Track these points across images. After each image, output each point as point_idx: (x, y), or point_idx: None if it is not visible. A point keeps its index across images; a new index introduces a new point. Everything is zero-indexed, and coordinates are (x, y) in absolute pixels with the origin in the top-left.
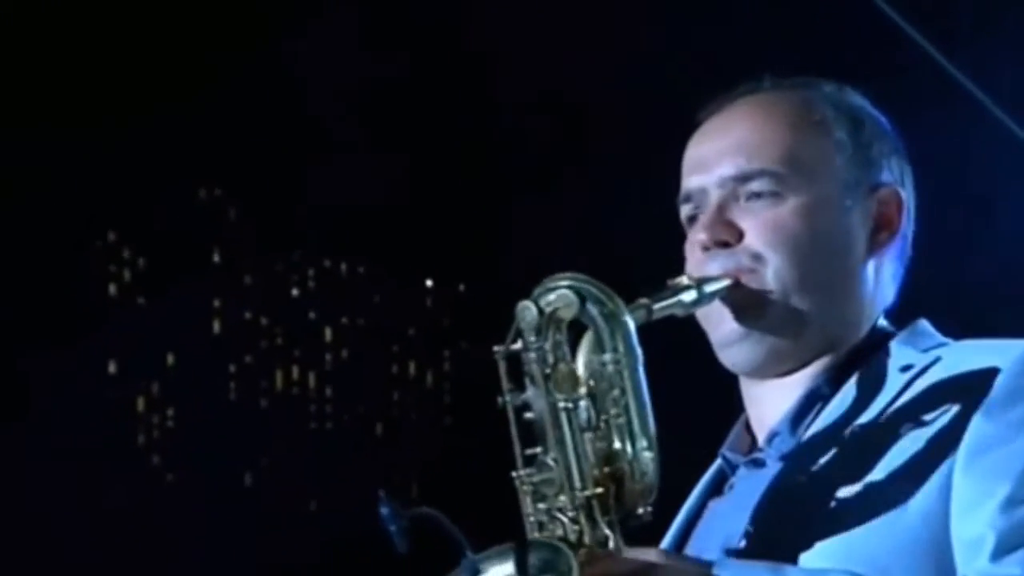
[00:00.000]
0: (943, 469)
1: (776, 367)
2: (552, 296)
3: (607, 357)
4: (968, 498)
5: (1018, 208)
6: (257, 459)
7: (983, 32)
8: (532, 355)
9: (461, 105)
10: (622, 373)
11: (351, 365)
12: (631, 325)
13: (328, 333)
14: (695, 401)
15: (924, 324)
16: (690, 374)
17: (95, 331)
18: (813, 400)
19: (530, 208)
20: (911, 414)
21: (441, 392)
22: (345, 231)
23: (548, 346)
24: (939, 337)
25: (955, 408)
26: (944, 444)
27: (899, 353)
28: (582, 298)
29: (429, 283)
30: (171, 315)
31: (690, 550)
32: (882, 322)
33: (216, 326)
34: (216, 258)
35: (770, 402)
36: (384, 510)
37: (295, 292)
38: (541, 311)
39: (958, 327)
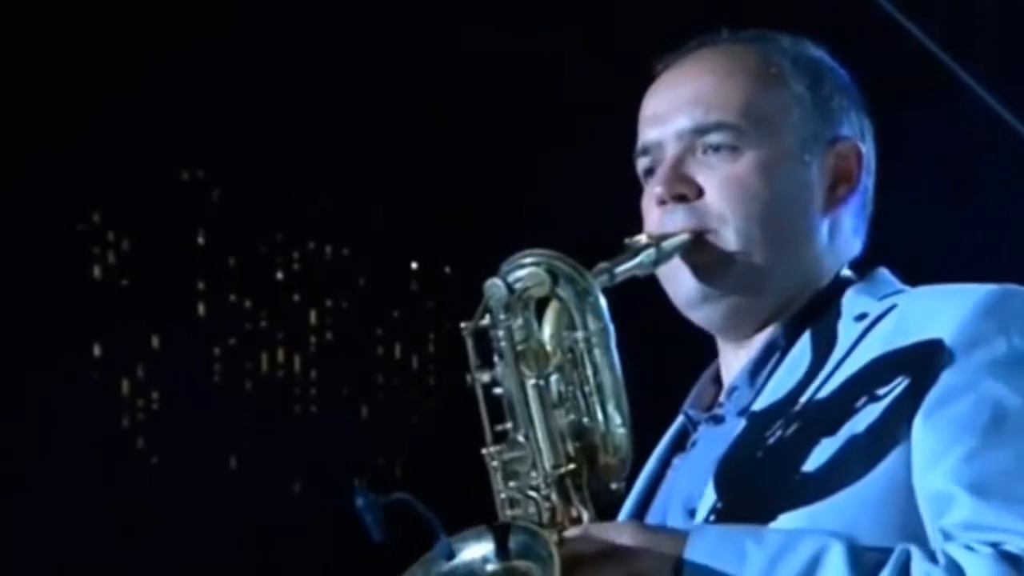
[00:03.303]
0: (903, 425)
1: (738, 328)
2: (522, 273)
3: (579, 335)
4: (930, 451)
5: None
6: (242, 442)
7: None
8: (501, 332)
9: (446, 87)
10: (594, 350)
11: (336, 348)
12: (603, 302)
13: (313, 316)
14: (670, 354)
15: (883, 272)
16: (665, 327)
17: (80, 314)
18: (770, 352)
19: (516, 190)
20: (870, 368)
21: (426, 374)
22: (330, 213)
23: (517, 324)
24: (897, 284)
25: (912, 361)
26: (904, 398)
27: (854, 301)
28: (553, 276)
29: (414, 265)
30: (155, 297)
31: (654, 510)
32: (846, 272)
33: (200, 308)
34: (200, 240)
35: (735, 359)
36: (360, 501)
37: (279, 275)
38: (511, 289)
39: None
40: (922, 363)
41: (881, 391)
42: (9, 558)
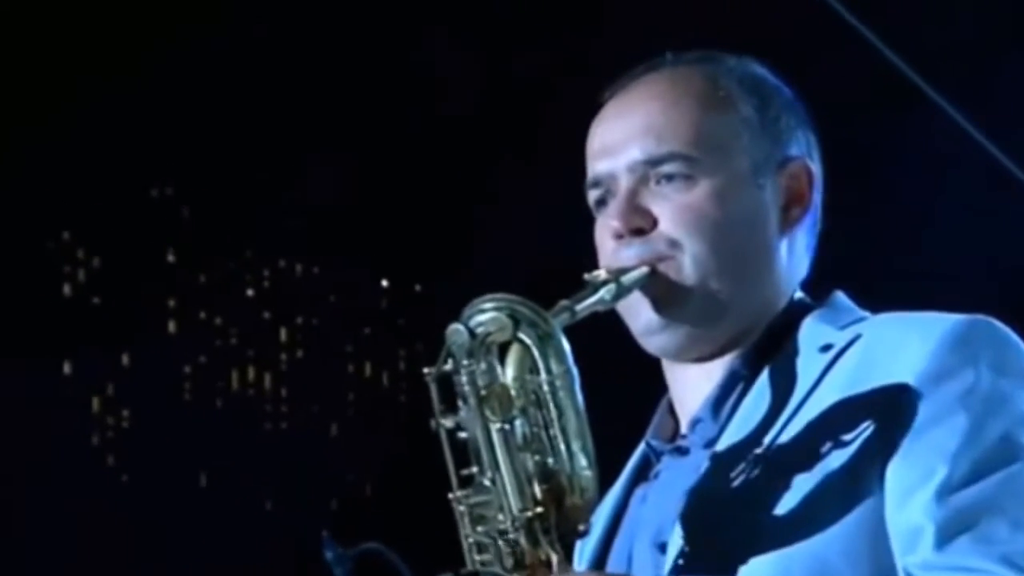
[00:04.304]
0: (874, 462)
1: (696, 352)
2: (483, 317)
3: (543, 378)
4: (902, 486)
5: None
6: (212, 460)
7: None
8: (464, 377)
9: (417, 102)
10: (558, 393)
11: (306, 365)
12: (566, 346)
13: (283, 333)
14: (620, 384)
15: (841, 297)
16: (613, 356)
17: (50, 331)
18: (733, 383)
19: (487, 207)
20: (838, 403)
21: (397, 392)
22: (300, 230)
23: (480, 368)
24: (857, 311)
25: (882, 395)
26: (875, 435)
27: (817, 331)
28: (515, 321)
29: (385, 283)
30: (125, 315)
31: (620, 541)
32: (798, 295)
33: (171, 326)
34: (170, 258)
35: (692, 385)
36: (329, 554)
37: (250, 292)
38: (473, 334)
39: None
40: (891, 398)
41: (851, 428)
42: None
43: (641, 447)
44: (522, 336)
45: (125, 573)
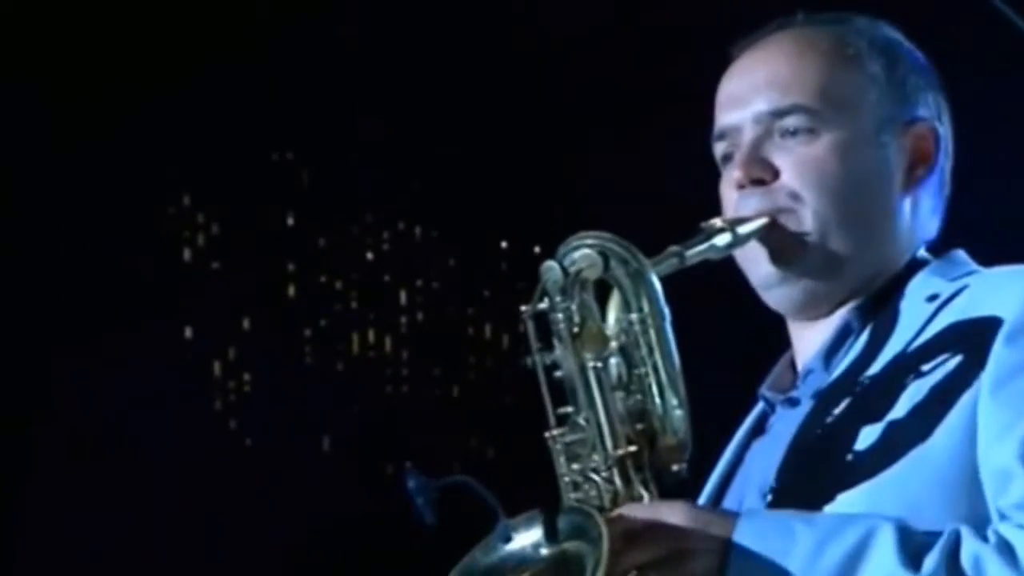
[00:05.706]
0: (966, 401)
1: (815, 308)
2: (576, 255)
3: (633, 316)
4: (995, 428)
5: None
6: (334, 423)
7: None
8: (559, 315)
9: (533, 62)
10: (649, 332)
11: (426, 328)
12: (656, 284)
13: (403, 296)
14: (745, 338)
15: (959, 254)
16: (741, 310)
17: (170, 297)
18: (844, 335)
19: (606, 167)
20: (936, 345)
21: (517, 354)
22: (419, 193)
23: (575, 306)
24: (971, 265)
25: (978, 337)
26: (967, 375)
27: (926, 283)
28: (605, 258)
29: (504, 245)
30: (246, 280)
31: (731, 493)
32: (922, 253)
33: (291, 290)
34: (290, 222)
35: (810, 339)
36: (411, 483)
37: (369, 255)
38: (565, 271)
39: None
40: (986, 340)
41: (945, 370)
42: (105, 539)
43: (759, 401)
44: (612, 273)
45: (249, 536)
